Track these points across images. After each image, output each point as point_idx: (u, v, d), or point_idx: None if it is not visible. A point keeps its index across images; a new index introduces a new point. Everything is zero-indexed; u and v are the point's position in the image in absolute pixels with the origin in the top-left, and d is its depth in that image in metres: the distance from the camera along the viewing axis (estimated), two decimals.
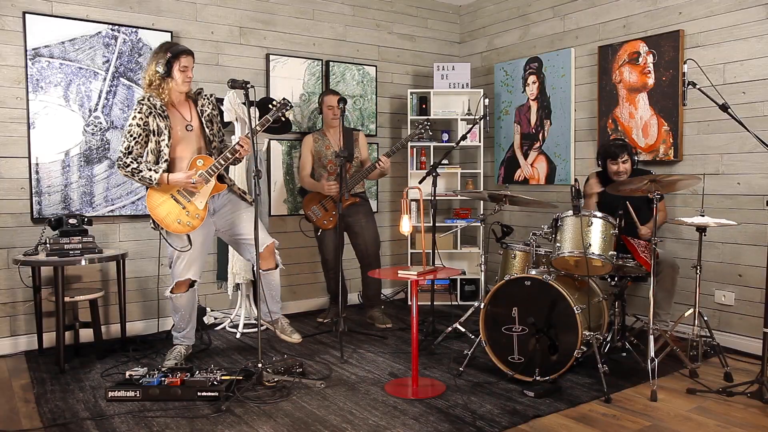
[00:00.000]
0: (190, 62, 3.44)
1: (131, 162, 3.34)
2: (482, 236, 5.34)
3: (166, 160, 3.39)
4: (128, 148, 3.35)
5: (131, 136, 3.36)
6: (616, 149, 3.93)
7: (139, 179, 3.36)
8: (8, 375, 3.58)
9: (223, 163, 3.46)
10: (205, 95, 3.64)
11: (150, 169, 3.34)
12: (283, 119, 3.64)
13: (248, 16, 4.82)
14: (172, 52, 3.37)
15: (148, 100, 3.39)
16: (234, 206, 3.65)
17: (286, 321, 3.90)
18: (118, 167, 3.37)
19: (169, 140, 3.40)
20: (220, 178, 3.57)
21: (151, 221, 3.49)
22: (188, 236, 3.50)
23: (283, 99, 3.63)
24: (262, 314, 3.80)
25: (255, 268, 3.37)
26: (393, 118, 5.67)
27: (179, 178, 3.38)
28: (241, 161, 3.67)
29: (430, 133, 4.57)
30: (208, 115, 3.59)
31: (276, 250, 3.78)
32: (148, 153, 3.41)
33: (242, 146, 3.45)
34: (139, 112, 3.37)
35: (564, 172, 5.04)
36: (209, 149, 3.56)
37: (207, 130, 3.57)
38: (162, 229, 3.45)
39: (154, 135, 3.39)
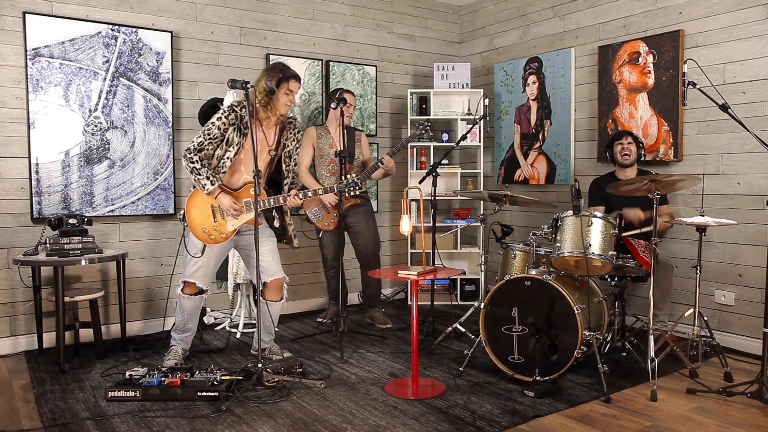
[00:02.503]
0: (296, 88, 3.45)
1: (197, 161, 3.34)
2: (482, 236, 5.34)
3: (223, 172, 3.41)
4: (201, 144, 3.36)
5: (209, 135, 3.36)
6: (622, 132, 4.20)
7: (195, 179, 3.37)
8: (8, 375, 3.58)
9: (272, 203, 3.43)
10: (293, 128, 3.61)
11: (208, 178, 3.34)
12: (350, 195, 3.63)
13: (248, 16, 4.82)
14: (284, 74, 3.38)
15: (241, 110, 3.38)
16: (261, 233, 3.58)
17: (276, 346, 3.87)
18: (184, 158, 3.37)
19: (234, 156, 3.40)
20: (268, 213, 3.59)
21: (182, 214, 3.50)
22: (204, 246, 3.50)
23: (357, 180, 3.48)
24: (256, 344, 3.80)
25: (259, 296, 3.40)
26: (393, 118, 5.67)
27: (225, 203, 3.38)
28: (290, 207, 3.62)
29: (431, 134, 4.56)
30: (288, 150, 3.58)
31: (285, 285, 3.75)
32: (213, 156, 3.42)
33: (287, 199, 3.43)
34: (225, 118, 3.36)
35: (564, 172, 5.04)
36: (272, 178, 3.55)
37: (283, 165, 3.57)
38: (186, 226, 3.47)
39: (226, 144, 3.40)
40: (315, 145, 4.53)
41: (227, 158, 3.40)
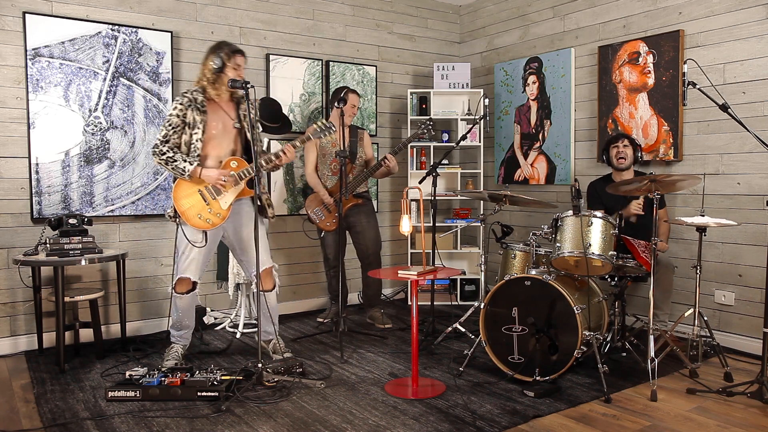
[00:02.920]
0: (243, 62, 3.52)
1: (167, 150, 3.38)
2: (482, 236, 5.34)
3: (198, 155, 3.43)
4: (165, 136, 3.40)
5: (170, 125, 3.41)
6: (618, 135, 4.14)
7: (173, 168, 3.39)
8: (8, 375, 3.58)
9: (264, 164, 3.47)
10: (247, 98, 3.65)
11: (185, 160, 3.37)
12: (322, 137, 3.67)
13: (248, 16, 4.82)
14: (230, 49, 3.46)
15: (192, 93, 3.45)
16: (248, 218, 3.63)
17: (281, 342, 3.86)
18: (153, 154, 3.41)
19: (202, 135, 3.43)
20: (250, 184, 3.57)
21: (171, 210, 3.51)
22: (205, 233, 3.51)
23: (330, 122, 3.64)
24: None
25: (255, 289, 3.40)
26: (393, 118, 5.67)
27: (211, 174, 3.41)
28: (277, 170, 3.68)
29: (433, 133, 4.57)
30: (250, 120, 3.61)
31: (274, 272, 3.80)
32: (181, 145, 3.45)
33: (281, 156, 3.49)
34: (180, 104, 3.43)
35: (564, 172, 5.04)
36: (244, 153, 3.58)
37: (248, 134, 3.59)
38: (180, 219, 3.47)
39: (188, 128, 3.43)
40: (318, 145, 4.53)
41: (196, 140, 3.43)
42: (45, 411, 3.00)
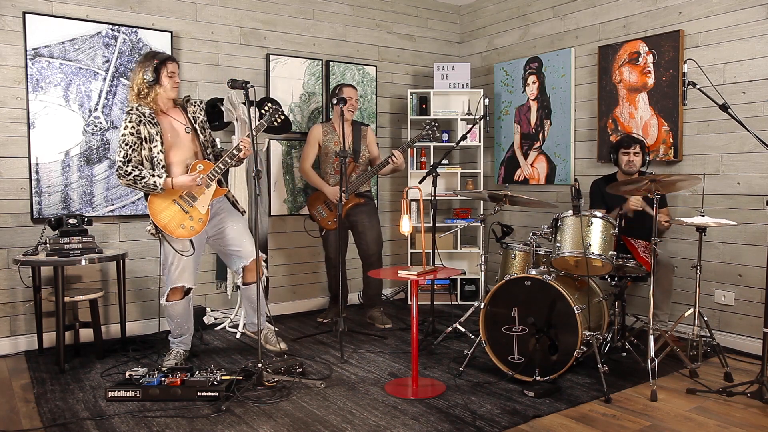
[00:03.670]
0: (176, 68, 3.49)
1: (132, 170, 3.32)
2: (482, 236, 5.34)
3: (163, 166, 3.41)
4: (126, 156, 3.35)
5: (126, 144, 3.36)
6: (631, 140, 4.01)
7: (143, 186, 3.34)
8: (8, 375, 3.58)
9: (222, 167, 3.48)
10: (194, 102, 3.68)
11: (153, 175, 3.34)
12: (275, 124, 3.67)
13: (248, 16, 4.82)
14: (159, 59, 3.42)
15: (137, 109, 3.41)
16: (227, 215, 3.68)
17: (271, 331, 3.88)
18: (119, 177, 3.34)
19: (162, 146, 3.41)
20: (219, 183, 3.60)
21: (151, 227, 3.48)
22: (191, 241, 3.51)
23: (275, 106, 3.66)
24: (246, 325, 3.98)
25: (240, 282, 3.45)
26: (393, 118, 5.67)
27: (184, 180, 3.39)
28: (241, 163, 3.70)
29: (438, 134, 4.57)
30: (201, 122, 3.63)
31: (263, 263, 3.82)
32: (143, 161, 3.41)
33: (242, 149, 3.47)
34: (129, 122, 3.38)
35: (564, 172, 5.04)
36: (205, 155, 3.58)
37: (201, 136, 3.60)
38: (162, 234, 3.46)
39: (146, 142, 3.40)
40: (321, 143, 4.54)
41: (157, 152, 3.40)
42: (45, 411, 3.00)
